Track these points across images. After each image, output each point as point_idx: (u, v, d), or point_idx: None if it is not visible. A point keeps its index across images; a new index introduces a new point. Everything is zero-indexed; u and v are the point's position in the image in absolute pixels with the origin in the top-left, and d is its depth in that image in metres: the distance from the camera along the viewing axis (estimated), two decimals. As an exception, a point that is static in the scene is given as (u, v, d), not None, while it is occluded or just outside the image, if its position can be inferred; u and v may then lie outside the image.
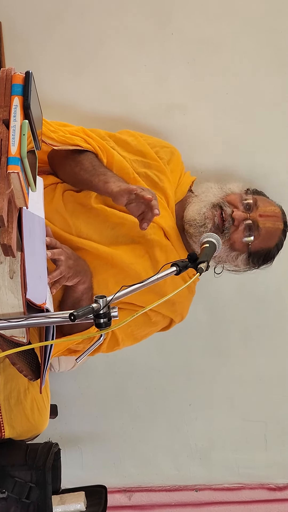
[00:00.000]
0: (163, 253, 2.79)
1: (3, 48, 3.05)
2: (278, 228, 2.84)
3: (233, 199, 2.82)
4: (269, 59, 3.08)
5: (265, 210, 2.81)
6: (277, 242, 2.86)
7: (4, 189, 1.85)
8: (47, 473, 2.58)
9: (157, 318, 2.86)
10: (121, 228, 2.77)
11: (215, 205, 2.80)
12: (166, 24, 3.05)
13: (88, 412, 3.49)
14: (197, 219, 2.79)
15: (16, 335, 2.11)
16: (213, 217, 2.77)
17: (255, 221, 2.78)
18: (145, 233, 2.76)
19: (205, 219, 2.78)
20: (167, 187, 2.85)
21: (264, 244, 2.83)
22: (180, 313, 2.94)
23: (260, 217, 2.79)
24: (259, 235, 2.79)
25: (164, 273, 2.07)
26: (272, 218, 2.82)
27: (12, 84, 1.95)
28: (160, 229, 2.80)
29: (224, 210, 2.78)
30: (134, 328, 2.82)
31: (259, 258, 2.86)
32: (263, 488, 3.60)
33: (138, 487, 3.60)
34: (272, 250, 2.87)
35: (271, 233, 2.82)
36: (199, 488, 3.60)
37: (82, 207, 2.75)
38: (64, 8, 3.05)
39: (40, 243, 2.27)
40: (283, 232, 2.87)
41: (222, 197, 2.83)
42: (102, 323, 1.92)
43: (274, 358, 3.42)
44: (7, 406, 2.63)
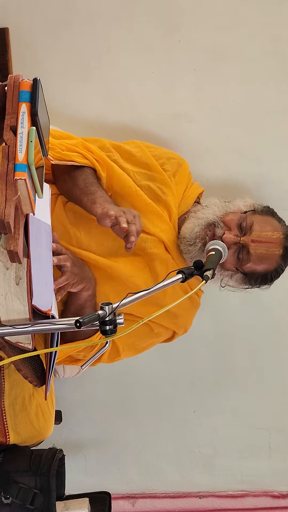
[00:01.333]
0: (163, 266, 2.79)
1: (10, 54, 3.06)
2: (273, 253, 2.75)
3: (229, 220, 2.76)
4: (275, 67, 3.08)
5: (259, 235, 2.73)
6: (275, 266, 2.79)
7: (11, 195, 1.86)
8: (51, 479, 2.58)
9: (159, 329, 2.86)
10: (121, 240, 2.76)
11: (210, 224, 2.76)
12: (173, 32, 3.06)
13: (92, 418, 3.49)
14: (187, 237, 2.77)
15: (22, 341, 2.11)
16: (204, 236, 2.74)
17: (245, 246, 2.72)
18: (146, 247, 2.76)
19: (196, 238, 2.75)
20: (170, 200, 2.83)
21: (258, 267, 2.77)
22: (183, 326, 2.94)
23: (252, 242, 2.71)
24: (249, 260, 2.73)
25: (171, 280, 2.07)
26: (265, 244, 2.73)
27: (19, 91, 1.96)
28: (160, 243, 2.80)
29: (216, 231, 2.73)
30: (135, 339, 2.82)
31: (256, 279, 2.81)
32: (267, 495, 3.60)
33: (142, 494, 3.59)
34: (270, 273, 2.80)
35: (264, 258, 2.75)
36: (203, 495, 3.60)
37: (83, 217, 2.74)
38: (71, 15, 3.06)
39: (46, 250, 2.27)
40: (282, 257, 2.78)
41: (220, 216, 2.78)
42: (108, 330, 1.93)
43: (278, 366, 3.42)
44: (12, 412, 2.63)
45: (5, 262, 2.04)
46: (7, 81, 1.98)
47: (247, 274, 2.77)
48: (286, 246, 2.77)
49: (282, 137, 3.15)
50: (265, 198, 3.00)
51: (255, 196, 3.01)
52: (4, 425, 2.63)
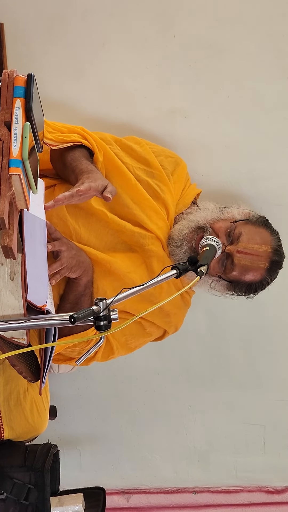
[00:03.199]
0: (160, 264, 2.78)
1: (5, 49, 3.05)
2: (258, 267, 2.73)
3: (219, 227, 2.74)
4: (271, 63, 3.08)
5: (245, 246, 2.70)
6: (260, 279, 2.78)
7: (6, 191, 1.86)
8: (46, 474, 2.59)
9: (151, 328, 2.87)
10: (120, 235, 2.77)
11: (198, 228, 2.75)
12: (168, 27, 3.06)
13: (87, 414, 3.49)
14: (175, 238, 2.77)
15: (16, 336, 2.12)
16: (191, 239, 2.73)
17: (230, 255, 2.71)
18: (144, 243, 2.76)
19: (183, 240, 2.75)
20: (168, 198, 2.83)
21: (243, 277, 2.75)
22: (175, 325, 2.94)
23: (237, 253, 2.70)
24: (232, 269, 2.72)
25: (165, 275, 2.07)
26: (250, 257, 2.71)
27: (14, 87, 1.96)
28: (158, 240, 2.80)
29: (203, 235, 2.69)
30: (128, 337, 2.82)
31: (240, 288, 2.80)
32: (261, 491, 3.60)
33: (137, 489, 3.60)
34: (255, 284, 2.79)
35: (248, 270, 2.73)
36: (197, 490, 3.60)
37: (83, 211, 2.74)
38: (66, 10, 3.06)
39: (41, 245, 2.27)
40: (268, 271, 2.77)
41: (210, 221, 2.76)
42: (102, 326, 1.93)
43: (273, 361, 3.42)
44: (6, 408, 2.63)
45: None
46: (2, 76, 1.98)
47: (232, 282, 2.77)
48: (273, 260, 2.76)
49: (277, 133, 3.15)
50: (260, 193, 3.00)
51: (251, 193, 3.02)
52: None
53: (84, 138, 2.73)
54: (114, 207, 2.76)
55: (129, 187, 2.77)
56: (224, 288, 2.82)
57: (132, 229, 2.74)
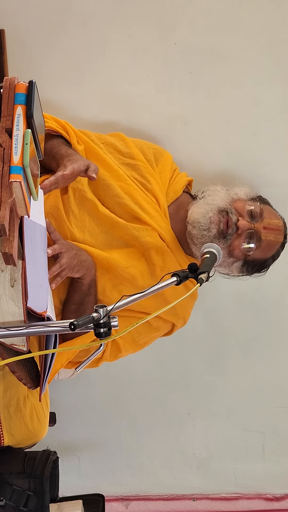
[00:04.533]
0: (159, 255, 2.78)
1: (6, 56, 3.06)
2: (278, 241, 2.83)
3: (240, 207, 2.78)
4: (271, 70, 3.08)
5: (269, 222, 2.79)
6: (273, 253, 2.85)
7: (6, 198, 1.86)
8: (45, 481, 2.59)
9: (158, 323, 2.84)
10: (114, 232, 2.76)
11: (221, 210, 2.76)
12: (169, 34, 3.06)
13: (86, 420, 3.49)
14: (202, 222, 2.75)
15: (16, 343, 2.11)
16: (219, 222, 2.73)
17: (258, 232, 2.76)
18: (139, 236, 2.75)
19: (211, 223, 2.74)
20: (155, 188, 2.83)
21: (262, 255, 2.81)
22: (182, 317, 2.92)
23: (264, 229, 2.77)
24: (259, 246, 2.77)
25: (164, 283, 2.07)
26: (275, 232, 2.80)
27: (15, 93, 1.96)
28: (153, 231, 2.78)
29: (229, 217, 2.74)
30: (135, 334, 2.81)
31: (253, 267, 2.84)
32: (261, 498, 3.60)
33: (136, 496, 3.59)
34: (267, 260, 2.85)
35: (271, 245, 2.81)
36: (196, 497, 3.60)
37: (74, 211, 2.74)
38: (67, 17, 3.06)
39: (41, 252, 2.27)
40: (282, 245, 2.86)
41: (229, 203, 2.79)
42: (102, 333, 1.92)
43: (273, 368, 3.42)
44: (6, 414, 2.63)
45: (0, 264, 2.05)
46: (3, 83, 1.98)
47: (246, 262, 2.80)
48: (285, 234, 2.86)
49: (277, 140, 3.16)
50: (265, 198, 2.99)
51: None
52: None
53: (63, 128, 2.77)
54: (104, 198, 2.77)
55: (117, 177, 2.78)
56: (237, 270, 2.84)
57: (124, 223, 2.74)
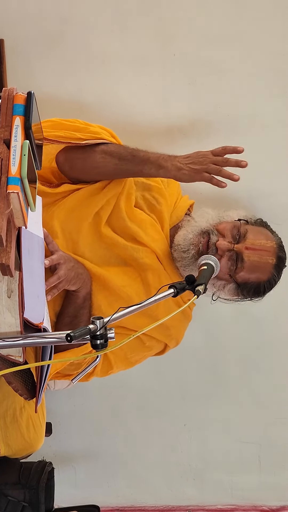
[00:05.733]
0: (155, 277, 2.78)
1: (5, 66, 3.06)
2: (267, 262, 2.73)
3: (223, 228, 2.75)
4: (270, 82, 3.09)
5: (253, 242, 2.71)
6: (268, 276, 2.77)
7: (4, 208, 1.86)
8: (41, 492, 2.58)
9: (151, 342, 2.85)
10: (113, 249, 2.76)
11: (204, 232, 2.75)
12: (168, 45, 3.07)
13: (82, 431, 3.48)
14: (182, 244, 2.75)
15: (13, 354, 2.11)
16: (198, 243, 2.73)
17: (239, 253, 2.70)
18: (137, 257, 2.75)
19: (190, 245, 2.73)
20: (164, 210, 2.84)
21: (251, 277, 2.74)
22: (175, 338, 2.92)
23: (246, 250, 2.70)
24: (242, 267, 2.70)
25: (162, 295, 2.07)
26: (259, 252, 2.71)
27: (13, 104, 1.96)
28: (152, 253, 2.79)
29: (210, 238, 2.72)
30: (127, 351, 2.80)
31: (248, 290, 2.78)
32: (256, 510, 3.59)
33: (131, 507, 3.58)
34: (263, 283, 2.77)
35: (258, 266, 2.73)
36: (192, 508, 3.59)
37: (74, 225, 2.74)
38: (66, 27, 3.07)
39: (38, 263, 2.27)
40: (276, 267, 2.77)
41: (213, 224, 2.77)
42: (99, 345, 1.92)
43: (269, 380, 3.42)
44: (2, 424, 2.63)
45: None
46: (1, 94, 1.98)
47: (239, 285, 2.75)
48: (279, 256, 2.77)
49: (276, 151, 3.16)
50: (258, 212, 2.99)
51: (248, 209, 3.01)
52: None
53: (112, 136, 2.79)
54: (111, 218, 2.77)
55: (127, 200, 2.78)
56: (231, 293, 2.80)
57: (124, 243, 2.74)
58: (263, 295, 2.83)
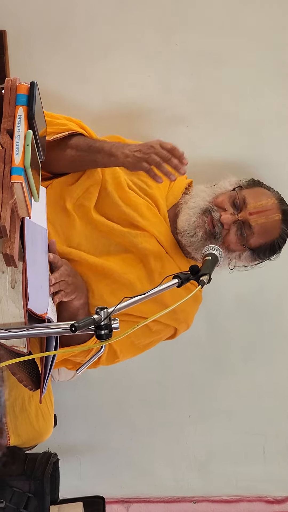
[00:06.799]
0: (157, 261, 2.75)
1: (7, 57, 3.05)
2: (274, 220, 2.74)
3: (221, 201, 2.74)
4: (272, 73, 3.08)
5: (255, 206, 2.71)
6: (279, 232, 2.76)
7: (7, 199, 1.86)
8: (46, 483, 2.58)
9: (158, 327, 2.81)
10: (111, 237, 2.74)
11: (204, 211, 2.74)
12: (170, 36, 3.06)
13: (87, 422, 3.48)
14: (187, 229, 2.74)
15: (17, 345, 2.11)
16: (203, 224, 2.71)
17: (245, 221, 2.70)
18: (137, 242, 2.72)
19: (195, 228, 2.72)
20: (156, 193, 2.81)
21: (264, 239, 2.74)
22: (184, 322, 2.88)
23: (250, 215, 2.70)
24: (252, 234, 2.71)
25: (166, 285, 2.07)
26: (264, 213, 2.72)
27: (16, 94, 1.96)
28: (152, 237, 2.76)
29: (212, 216, 2.72)
30: (134, 339, 2.78)
31: (264, 252, 2.78)
32: (261, 500, 3.59)
33: (136, 498, 3.59)
34: (276, 241, 2.77)
35: (266, 227, 2.73)
36: (197, 499, 3.59)
37: (71, 216, 2.72)
38: (69, 18, 3.06)
39: (42, 253, 2.27)
40: (284, 221, 2.77)
41: (210, 201, 2.76)
42: (103, 335, 1.92)
43: (274, 371, 3.41)
44: (12, 414, 2.62)
45: (0, 266, 2.04)
46: (4, 84, 1.98)
47: (255, 250, 2.75)
48: (283, 210, 2.77)
49: (279, 143, 3.15)
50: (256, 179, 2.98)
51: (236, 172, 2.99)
52: (5, 427, 2.62)
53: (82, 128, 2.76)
54: (103, 207, 2.75)
55: (118, 185, 2.76)
56: (248, 260, 2.79)
57: (121, 230, 2.72)
58: (279, 251, 2.82)
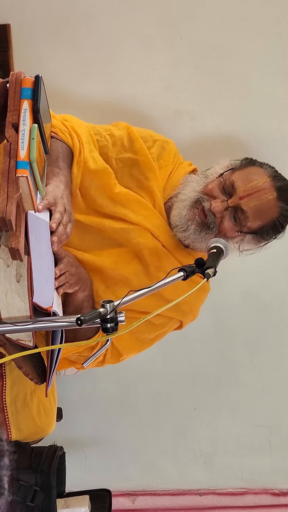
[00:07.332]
0: (152, 255, 2.71)
1: (11, 50, 3.06)
2: (267, 200, 2.63)
3: (211, 190, 2.67)
4: (277, 65, 3.08)
5: (244, 189, 2.61)
6: (278, 211, 2.66)
7: (13, 193, 1.86)
8: (52, 476, 2.58)
9: (162, 320, 2.79)
10: (103, 233, 2.70)
11: (195, 202, 2.68)
12: (175, 29, 3.06)
13: (92, 416, 3.49)
14: (179, 224, 2.69)
15: (23, 338, 2.11)
16: (194, 216, 2.66)
17: (237, 206, 2.62)
18: (130, 237, 2.69)
19: (187, 221, 2.66)
20: (153, 185, 2.75)
21: (262, 220, 2.65)
22: (189, 312, 2.84)
23: (241, 200, 2.60)
24: (247, 218, 2.62)
25: (171, 278, 2.07)
26: (255, 195, 2.61)
27: (21, 88, 1.96)
28: (145, 231, 2.71)
29: (203, 206, 2.65)
30: (138, 334, 2.77)
31: (266, 232, 2.68)
32: (267, 493, 3.60)
33: (142, 491, 3.59)
34: (276, 219, 2.67)
35: (260, 209, 2.63)
36: (203, 492, 3.60)
37: None
38: (73, 12, 3.06)
39: (46, 247, 2.26)
40: (280, 199, 2.65)
41: (200, 191, 2.69)
42: (109, 328, 1.92)
43: (279, 363, 3.42)
44: (13, 409, 2.63)
45: (5, 260, 2.04)
46: (9, 78, 1.98)
47: (256, 232, 2.67)
48: (278, 187, 2.66)
49: (283, 135, 3.15)
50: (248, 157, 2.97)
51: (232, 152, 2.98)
52: (6, 422, 2.63)
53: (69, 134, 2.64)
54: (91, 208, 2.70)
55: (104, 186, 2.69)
56: (252, 243, 2.71)
57: (113, 225, 2.68)
58: (284, 229, 2.71)
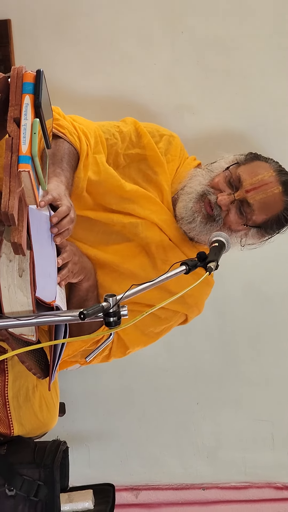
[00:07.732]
0: (159, 249, 2.72)
1: (12, 45, 3.06)
2: (273, 194, 2.65)
3: (217, 183, 2.69)
4: (279, 60, 3.08)
5: (251, 182, 2.63)
6: (283, 205, 2.68)
7: (15, 187, 1.86)
8: (55, 471, 2.58)
9: (167, 314, 2.79)
10: (111, 227, 2.71)
11: (201, 195, 2.69)
12: (176, 23, 3.05)
13: (95, 410, 3.49)
14: (185, 216, 2.70)
15: (25, 333, 2.12)
16: (200, 209, 2.67)
17: (243, 199, 2.64)
18: (137, 231, 2.70)
19: (193, 213, 2.67)
20: (162, 179, 2.77)
21: (267, 214, 2.67)
22: (195, 306, 2.85)
23: (247, 193, 2.62)
24: (252, 211, 2.64)
25: (173, 272, 2.07)
26: (261, 188, 2.63)
27: (23, 83, 1.96)
28: (153, 225, 2.73)
29: (209, 199, 2.66)
30: (143, 328, 2.76)
31: (270, 226, 2.70)
32: (270, 487, 3.60)
33: (145, 486, 3.60)
34: (281, 213, 2.68)
35: (266, 202, 2.65)
36: (206, 486, 3.60)
37: None
38: (74, 6, 3.06)
39: (48, 241, 2.26)
40: (285, 193, 2.67)
41: (207, 184, 2.71)
42: (112, 322, 1.92)
43: (281, 358, 3.42)
44: (15, 404, 2.63)
45: (8, 254, 2.05)
46: (11, 72, 1.98)
47: (260, 226, 2.69)
48: (283, 181, 2.68)
49: (284, 130, 3.15)
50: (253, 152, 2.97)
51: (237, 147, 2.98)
52: (8, 417, 2.63)
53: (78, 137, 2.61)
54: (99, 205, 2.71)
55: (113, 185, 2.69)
56: (256, 237, 2.73)
57: (121, 220, 2.69)
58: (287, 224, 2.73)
